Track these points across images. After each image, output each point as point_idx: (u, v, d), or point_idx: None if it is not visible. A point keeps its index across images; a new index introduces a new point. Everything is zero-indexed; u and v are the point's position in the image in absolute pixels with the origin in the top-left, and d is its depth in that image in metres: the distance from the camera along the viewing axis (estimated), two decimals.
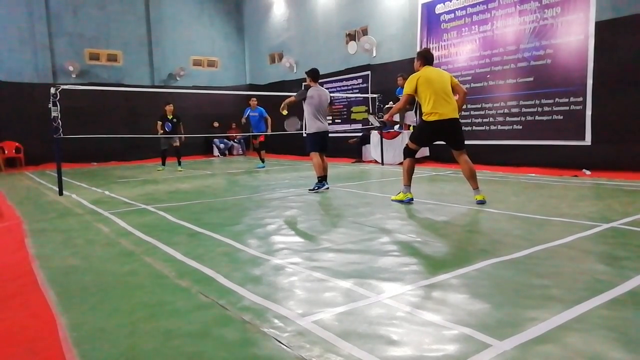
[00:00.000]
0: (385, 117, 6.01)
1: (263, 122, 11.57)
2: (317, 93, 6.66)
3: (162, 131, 11.10)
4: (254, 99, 11.70)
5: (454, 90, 5.30)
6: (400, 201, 5.56)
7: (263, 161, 11.57)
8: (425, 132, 5.45)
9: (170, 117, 11.18)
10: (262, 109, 11.59)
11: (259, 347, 2.02)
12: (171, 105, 11.21)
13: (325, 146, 6.83)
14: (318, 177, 6.68)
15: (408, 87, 5.32)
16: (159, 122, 11.20)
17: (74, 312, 2.47)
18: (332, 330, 2.14)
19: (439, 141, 5.50)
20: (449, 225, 4.34)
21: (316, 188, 6.62)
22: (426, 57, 5.41)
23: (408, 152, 5.56)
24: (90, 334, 2.20)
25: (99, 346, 2.08)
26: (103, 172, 11.44)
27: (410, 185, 5.59)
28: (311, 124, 6.72)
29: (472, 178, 5.38)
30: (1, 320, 2.43)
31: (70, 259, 3.56)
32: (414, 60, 5.64)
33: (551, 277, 2.80)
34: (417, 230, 4.15)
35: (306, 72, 7.04)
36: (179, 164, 11.28)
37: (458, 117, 5.32)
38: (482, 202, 5.26)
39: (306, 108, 6.69)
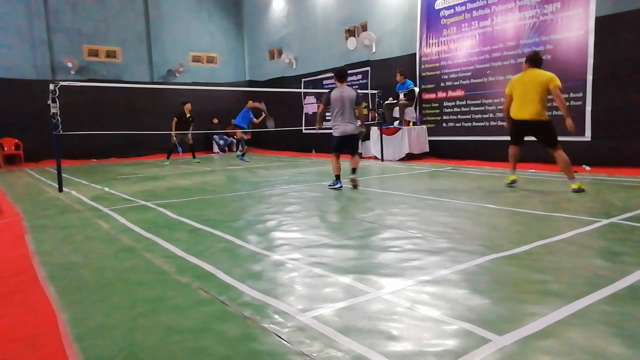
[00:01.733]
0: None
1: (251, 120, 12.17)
2: (339, 94, 6.41)
3: (175, 129, 11.62)
4: (251, 101, 12.18)
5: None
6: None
7: (244, 154, 12.07)
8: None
9: (188, 115, 11.83)
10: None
11: (260, 343, 2.02)
12: (189, 104, 11.88)
13: (350, 148, 6.65)
14: (335, 175, 6.63)
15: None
16: (175, 118, 11.68)
17: (75, 308, 2.47)
18: (332, 325, 2.14)
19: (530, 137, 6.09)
20: (449, 221, 4.34)
21: (331, 184, 6.64)
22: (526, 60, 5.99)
23: None
24: (91, 330, 2.21)
25: (99, 342, 2.08)
26: (102, 169, 11.44)
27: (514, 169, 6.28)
28: (333, 127, 6.55)
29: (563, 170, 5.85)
30: (2, 316, 2.43)
31: (71, 255, 3.56)
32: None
33: (551, 272, 2.81)
34: (416, 226, 4.15)
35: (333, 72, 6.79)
36: (194, 156, 12.29)
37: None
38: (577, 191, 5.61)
39: (330, 110, 6.61)
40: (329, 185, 6.67)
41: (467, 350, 1.87)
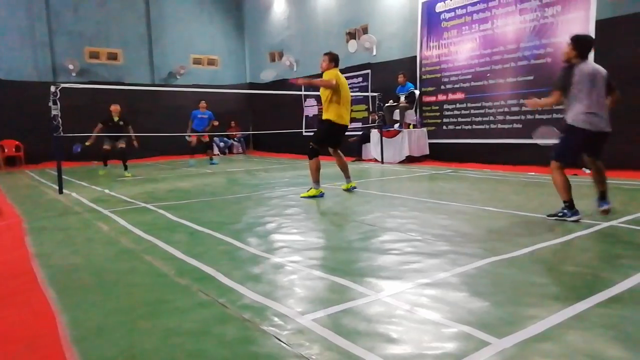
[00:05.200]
0: None
1: (208, 124, 12.47)
2: (591, 69, 4.31)
3: (95, 136, 9.86)
4: (204, 101, 12.46)
5: None
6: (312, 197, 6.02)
7: (212, 159, 12.60)
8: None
9: (116, 119, 9.91)
10: (210, 112, 12.49)
11: (259, 345, 2.02)
12: (117, 105, 10.03)
13: (595, 153, 4.51)
14: (565, 202, 4.27)
15: None
16: (99, 124, 9.85)
17: (74, 310, 2.47)
18: (332, 328, 2.14)
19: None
20: (449, 223, 4.34)
21: (563, 214, 4.27)
22: None
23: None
24: (90, 332, 2.21)
25: (98, 344, 2.08)
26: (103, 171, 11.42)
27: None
28: (579, 115, 4.24)
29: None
30: (1, 318, 2.43)
31: (70, 257, 3.56)
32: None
33: (550, 275, 2.81)
34: (416, 229, 4.15)
35: (572, 40, 4.56)
36: (125, 168, 9.89)
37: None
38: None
39: (571, 94, 4.33)
40: (559, 216, 4.28)
41: (467, 353, 1.87)
